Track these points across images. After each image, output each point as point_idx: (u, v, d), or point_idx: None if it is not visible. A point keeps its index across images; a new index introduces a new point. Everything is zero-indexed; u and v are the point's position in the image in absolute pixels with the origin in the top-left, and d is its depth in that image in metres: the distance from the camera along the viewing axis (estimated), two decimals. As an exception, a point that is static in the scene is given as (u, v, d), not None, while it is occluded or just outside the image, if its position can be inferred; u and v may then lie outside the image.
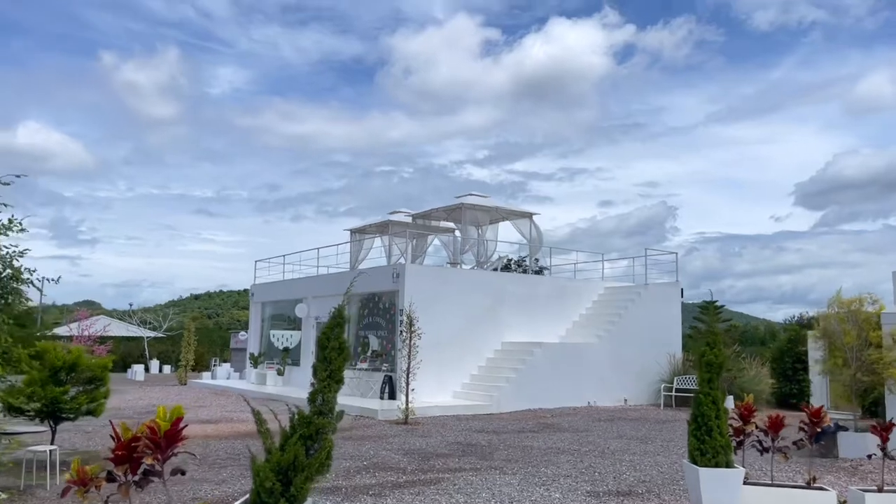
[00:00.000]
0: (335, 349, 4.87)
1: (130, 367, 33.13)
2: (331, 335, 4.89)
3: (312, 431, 4.97)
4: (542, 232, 23.64)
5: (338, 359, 4.87)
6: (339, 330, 4.98)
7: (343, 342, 4.97)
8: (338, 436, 13.27)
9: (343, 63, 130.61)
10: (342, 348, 4.96)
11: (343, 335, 5.01)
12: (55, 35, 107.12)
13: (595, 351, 20.76)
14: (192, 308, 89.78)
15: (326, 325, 5.01)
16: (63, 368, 9.67)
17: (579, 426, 15.58)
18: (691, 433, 7.08)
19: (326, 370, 4.86)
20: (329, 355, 4.87)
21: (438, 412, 17.20)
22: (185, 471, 4.98)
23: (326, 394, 4.85)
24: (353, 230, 25.94)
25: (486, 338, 20.39)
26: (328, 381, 4.84)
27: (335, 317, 4.98)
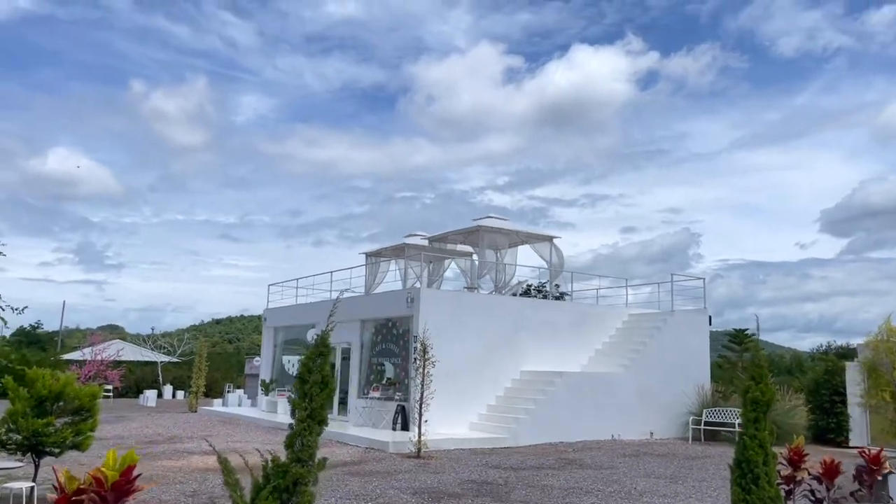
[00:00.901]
0: (317, 384, 4.12)
1: (143, 392, 32.52)
2: (312, 366, 4.15)
3: (289, 483, 4.18)
4: (563, 256, 22.81)
5: (320, 395, 4.12)
6: (323, 360, 4.24)
7: (327, 375, 4.21)
8: (344, 470, 12.47)
9: (364, 91, 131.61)
10: (326, 382, 4.20)
11: (327, 366, 4.25)
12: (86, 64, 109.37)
13: (619, 381, 19.76)
14: (214, 333, 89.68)
15: (307, 354, 4.26)
16: (49, 398, 8.98)
17: (603, 462, 14.60)
18: (735, 481, 6.19)
19: (307, 409, 4.10)
20: (310, 391, 4.11)
21: (453, 445, 16.29)
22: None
23: (306, 437, 4.08)
24: (368, 254, 25.28)
25: (505, 366, 19.49)
26: (308, 422, 4.08)
27: (318, 345, 4.24)
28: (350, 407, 20.44)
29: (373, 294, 22.87)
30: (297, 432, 4.11)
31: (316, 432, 4.09)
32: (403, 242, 23.90)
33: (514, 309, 20.36)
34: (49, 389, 8.94)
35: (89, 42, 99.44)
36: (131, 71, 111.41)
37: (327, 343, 4.25)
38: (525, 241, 23.03)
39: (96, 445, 15.68)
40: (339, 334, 21.68)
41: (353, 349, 20.93)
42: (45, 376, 9.03)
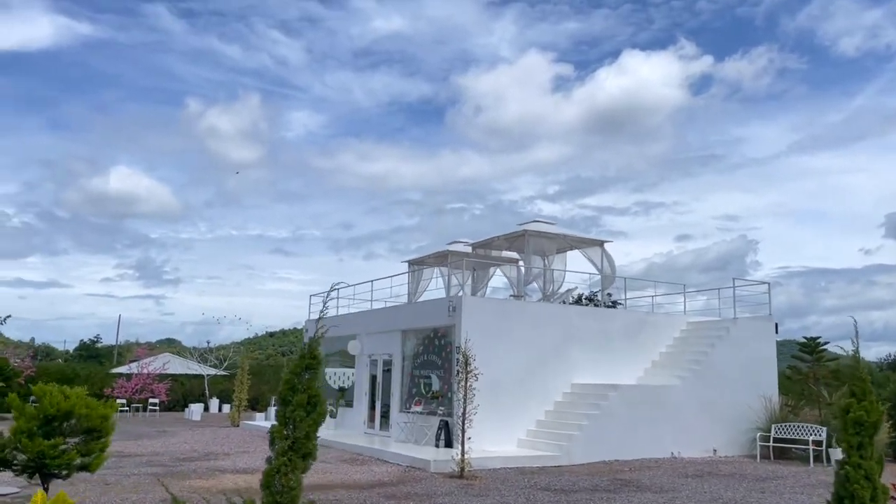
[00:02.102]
0: (302, 406, 3.20)
1: (188, 406, 32.27)
2: (296, 384, 3.24)
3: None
4: (614, 262, 21.55)
5: (306, 420, 3.19)
6: (312, 376, 3.32)
7: (316, 394, 3.28)
8: (380, 492, 11.52)
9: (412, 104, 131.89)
10: (315, 403, 3.27)
11: (316, 383, 3.33)
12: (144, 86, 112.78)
13: (678, 394, 18.38)
14: (268, 345, 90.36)
15: (290, 369, 3.36)
16: (57, 417, 8.31)
17: (663, 484, 13.32)
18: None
19: (288, 438, 3.18)
20: (293, 415, 3.19)
21: (500, 464, 15.21)
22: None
23: (286, 476, 3.16)
24: (410, 262, 24.46)
25: (554, 379, 18.33)
26: (290, 455, 3.15)
27: (304, 356, 3.33)
28: (392, 422, 19.54)
29: (413, 303, 21.98)
30: (275, 468, 3.19)
31: (300, 468, 3.16)
32: (446, 249, 22.99)
33: (564, 317, 19.20)
34: (57, 408, 8.26)
35: (147, 64, 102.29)
36: (187, 91, 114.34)
37: (316, 353, 3.34)
38: (574, 247, 21.85)
39: (127, 463, 15.18)
40: (380, 345, 20.85)
41: (394, 361, 20.05)
42: (52, 393, 8.35)
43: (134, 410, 32.62)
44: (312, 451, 3.27)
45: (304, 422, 3.19)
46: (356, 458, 16.34)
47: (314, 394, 3.27)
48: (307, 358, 3.30)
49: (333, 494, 11.28)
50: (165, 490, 4.22)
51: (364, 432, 20.85)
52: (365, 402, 21.41)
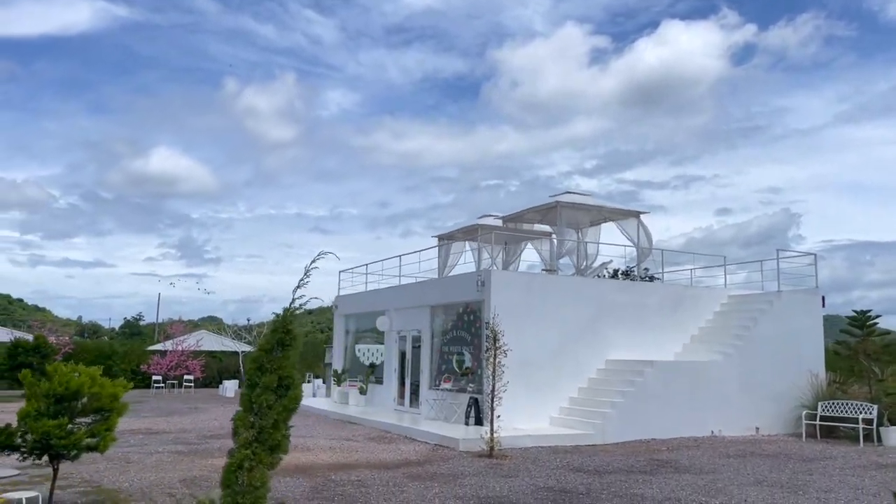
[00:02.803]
0: (271, 388, 2.68)
1: (223, 382, 32.42)
2: (265, 362, 2.73)
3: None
4: (651, 234, 20.72)
5: (275, 405, 2.68)
6: (285, 354, 2.80)
7: (289, 375, 2.77)
8: (405, 472, 11.08)
9: (447, 80, 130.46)
10: (287, 385, 2.75)
11: (290, 362, 2.81)
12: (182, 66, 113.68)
13: (719, 370, 17.61)
14: (307, 322, 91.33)
15: (260, 344, 2.84)
16: (67, 396, 7.98)
17: (703, 464, 12.67)
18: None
19: (253, 426, 2.67)
20: (259, 400, 2.68)
21: (531, 442, 14.71)
22: None
23: (250, 472, 2.65)
24: (440, 237, 23.93)
25: (588, 355, 17.69)
26: (255, 447, 2.66)
27: (277, 329, 2.81)
28: (421, 399, 19.15)
29: (442, 278, 21.47)
30: (236, 462, 2.69)
31: (266, 463, 2.65)
32: (476, 223, 22.39)
33: (598, 292, 18.51)
34: (66, 386, 7.93)
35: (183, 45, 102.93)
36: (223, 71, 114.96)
37: (290, 327, 2.82)
38: (609, 219, 21.05)
39: (154, 440, 15.04)
40: (408, 321, 20.42)
41: (423, 337, 19.61)
42: (62, 371, 8.03)
43: (169, 387, 32.92)
44: (282, 442, 2.77)
45: (273, 408, 2.69)
46: (384, 436, 15.99)
47: (286, 375, 2.76)
48: (279, 332, 2.79)
49: (356, 474, 10.90)
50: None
51: (394, 409, 20.52)
52: (394, 378, 21.05)
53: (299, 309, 3.04)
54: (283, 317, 2.94)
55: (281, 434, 2.78)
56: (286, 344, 2.87)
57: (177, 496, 9.08)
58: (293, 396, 2.76)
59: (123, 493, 9.29)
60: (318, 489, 9.68)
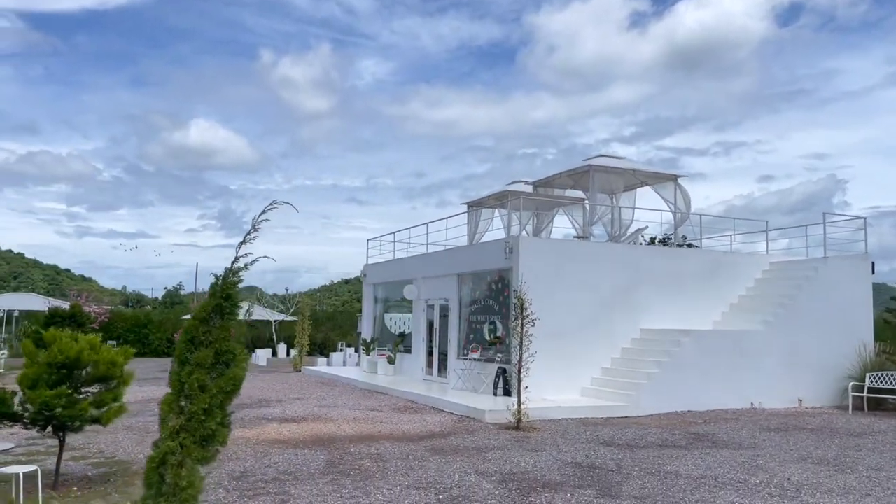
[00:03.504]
0: (204, 366, 2.18)
1: (254, 351, 32.51)
2: (199, 333, 2.23)
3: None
4: (689, 198, 19.77)
5: (209, 387, 2.19)
6: (225, 325, 2.30)
7: (227, 349, 2.26)
8: (427, 445, 10.64)
9: (481, 48, 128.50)
10: (226, 362, 2.25)
11: (229, 333, 2.30)
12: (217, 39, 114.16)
13: (760, 340, 16.82)
14: (343, 292, 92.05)
15: (194, 313, 2.34)
16: (66, 364, 7.68)
17: (742, 439, 12.02)
18: None
19: (181, 413, 2.18)
20: (190, 380, 2.18)
21: (561, 414, 14.19)
22: None
23: (176, 469, 2.16)
24: (469, 203, 23.30)
25: (621, 324, 17.04)
26: (184, 438, 2.16)
27: (215, 293, 2.30)
28: (450, 369, 18.75)
29: (469, 246, 20.90)
30: (159, 457, 2.20)
31: (196, 457, 2.16)
32: (506, 189, 21.70)
33: (632, 259, 17.76)
34: (66, 355, 7.63)
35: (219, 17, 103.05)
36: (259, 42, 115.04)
37: (230, 292, 2.31)
38: (644, 183, 20.17)
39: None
40: (436, 290, 19.96)
41: (451, 306, 19.13)
42: (61, 339, 7.72)
43: (203, 355, 33.14)
44: (218, 431, 2.29)
45: (207, 390, 2.19)
46: (410, 407, 15.63)
47: (225, 349, 2.25)
48: (217, 297, 2.29)
49: (377, 447, 10.52)
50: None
51: (422, 379, 20.18)
52: (422, 348, 20.68)
53: (244, 269, 2.53)
54: (222, 279, 2.44)
55: (216, 422, 2.29)
56: (226, 312, 2.37)
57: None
58: (232, 376, 2.27)
59: (136, 465, 9.04)
60: (335, 463, 9.32)
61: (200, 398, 2.19)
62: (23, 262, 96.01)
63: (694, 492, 8.07)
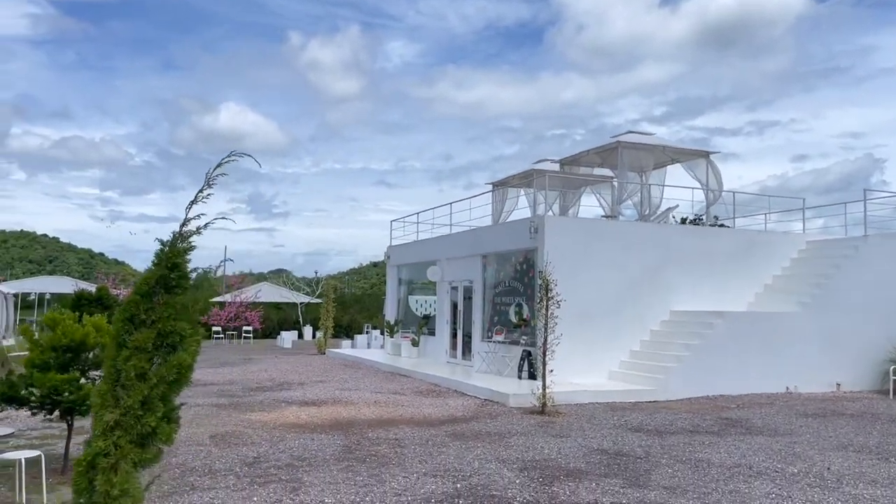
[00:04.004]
0: (144, 350, 1.84)
1: (279, 333, 32.50)
2: (139, 312, 1.88)
3: None
4: (721, 175, 19.08)
5: (150, 375, 1.82)
6: (171, 301, 1.93)
7: (172, 331, 1.91)
8: (448, 430, 10.30)
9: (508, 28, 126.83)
10: (173, 345, 1.90)
11: (175, 311, 1.93)
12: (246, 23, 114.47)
13: (796, 322, 16.17)
14: (372, 275, 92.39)
15: (136, 288, 1.98)
16: (72, 348, 7.46)
17: (778, 425, 11.50)
18: None
19: (116, 406, 1.82)
20: (127, 365, 1.82)
21: (587, 398, 13.77)
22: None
23: (108, 475, 1.80)
24: (494, 183, 22.81)
25: (651, 306, 16.51)
26: (118, 436, 1.80)
27: (160, 263, 1.93)
28: (474, 351, 18.39)
29: (493, 226, 20.44)
30: (88, 459, 1.85)
31: (132, 459, 1.80)
32: (532, 168, 21.15)
33: (662, 238, 17.17)
34: (70, 337, 7.40)
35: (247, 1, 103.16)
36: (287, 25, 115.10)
37: (177, 261, 1.94)
38: (675, 160, 19.49)
39: (198, 392, 14.75)
40: (460, 271, 19.58)
41: (475, 287, 18.73)
42: (66, 321, 7.49)
43: (229, 338, 33.25)
44: (159, 428, 1.94)
45: (147, 378, 1.83)
46: (433, 390, 15.33)
47: (170, 329, 1.89)
48: (162, 267, 1.93)
49: (395, 432, 10.22)
50: None
51: (446, 362, 19.87)
52: (446, 330, 20.34)
53: (195, 233, 2.16)
54: (169, 245, 2.08)
55: (156, 417, 1.92)
56: (172, 285, 2.01)
57: (202, 454, 8.57)
58: (177, 362, 1.90)
59: (148, 450, 8.83)
60: (352, 448, 9.03)
61: (138, 389, 1.84)
62: (58, 247, 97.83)
63: (727, 481, 7.62)
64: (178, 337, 2.03)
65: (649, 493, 7.11)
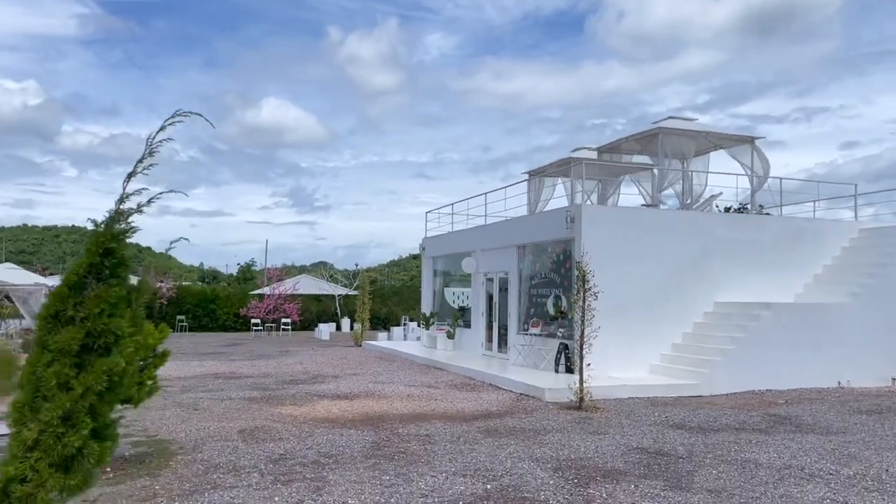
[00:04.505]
0: (68, 353, 1.58)
1: (317, 326, 32.56)
2: (65, 307, 1.66)
3: None
4: (768, 161, 18.32)
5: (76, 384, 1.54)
6: (103, 294, 1.61)
7: (108, 330, 1.62)
8: (481, 426, 9.95)
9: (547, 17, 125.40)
10: (106, 347, 1.63)
11: (106, 304, 1.64)
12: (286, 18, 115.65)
13: (848, 313, 15.43)
14: (412, 266, 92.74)
15: (64, 278, 1.69)
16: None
17: (830, 422, 10.90)
18: None
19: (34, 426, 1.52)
20: (50, 373, 1.52)
21: (627, 393, 13.30)
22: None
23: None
24: (530, 172, 22.33)
25: (693, 297, 15.92)
26: (37, 457, 1.49)
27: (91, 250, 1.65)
28: (510, 344, 18.02)
29: (529, 216, 19.99)
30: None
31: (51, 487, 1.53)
32: (569, 157, 20.61)
33: (705, 227, 16.54)
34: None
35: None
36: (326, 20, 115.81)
37: (114, 245, 1.65)
38: (718, 146, 18.78)
39: (231, 385, 14.69)
40: (495, 262, 19.22)
41: (510, 279, 18.35)
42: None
43: (268, 330, 33.43)
44: (88, 450, 1.64)
45: (73, 388, 1.51)
46: (468, 383, 15.02)
47: (101, 328, 1.59)
48: (94, 253, 1.62)
49: (426, 427, 9.94)
50: None
51: (482, 354, 19.55)
52: (482, 322, 20.01)
53: (136, 211, 1.85)
54: (105, 225, 1.76)
55: (80, 435, 1.60)
56: (105, 275, 1.69)
57: (228, 450, 8.41)
58: (107, 368, 1.56)
59: (175, 445, 8.71)
60: (381, 445, 8.77)
61: (59, 401, 1.52)
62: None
63: (777, 484, 7.15)
64: (112, 337, 1.72)
65: (692, 496, 6.68)
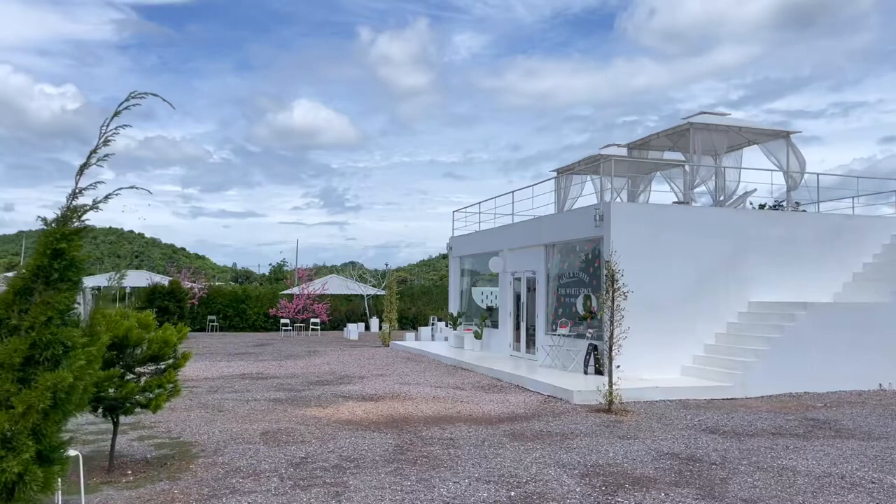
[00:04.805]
0: (12, 367, 1.39)
1: (346, 326, 32.58)
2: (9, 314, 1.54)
3: None
4: (803, 157, 17.79)
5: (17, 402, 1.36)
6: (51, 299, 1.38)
7: (56, 340, 1.48)
8: (506, 429, 9.72)
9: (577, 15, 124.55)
10: (55, 359, 1.51)
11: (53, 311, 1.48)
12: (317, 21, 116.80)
13: (889, 312, 14.88)
14: (441, 266, 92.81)
15: (9, 284, 1.53)
16: (115, 343, 7.27)
17: (872, 427, 10.47)
18: None
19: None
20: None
21: (659, 395, 12.96)
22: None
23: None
24: (559, 170, 22.02)
25: (726, 297, 15.49)
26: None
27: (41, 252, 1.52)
28: (538, 345, 17.75)
29: (557, 214, 19.68)
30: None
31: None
32: (598, 154, 20.27)
33: (738, 225, 16.09)
34: (114, 333, 7.20)
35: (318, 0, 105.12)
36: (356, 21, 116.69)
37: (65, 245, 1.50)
38: (752, 141, 18.31)
39: (258, 386, 14.65)
40: (523, 262, 18.95)
41: (538, 278, 18.07)
42: (109, 316, 7.29)
43: (297, 330, 33.55)
44: (30, 477, 1.53)
45: (15, 406, 1.34)
46: (494, 385, 14.80)
47: (49, 338, 1.45)
48: (43, 254, 1.47)
49: (451, 431, 9.75)
50: None
51: (510, 355, 19.30)
52: (509, 322, 19.76)
53: (92, 208, 1.69)
54: (56, 222, 1.60)
55: (21, 459, 1.44)
56: (53, 278, 1.53)
57: (250, 452, 8.31)
58: (52, 383, 1.39)
59: (197, 447, 8.64)
60: (403, 448, 8.60)
61: (20, 404, 1.37)
62: (144, 242, 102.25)
63: (816, 493, 6.82)
64: (60, 348, 1.55)
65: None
